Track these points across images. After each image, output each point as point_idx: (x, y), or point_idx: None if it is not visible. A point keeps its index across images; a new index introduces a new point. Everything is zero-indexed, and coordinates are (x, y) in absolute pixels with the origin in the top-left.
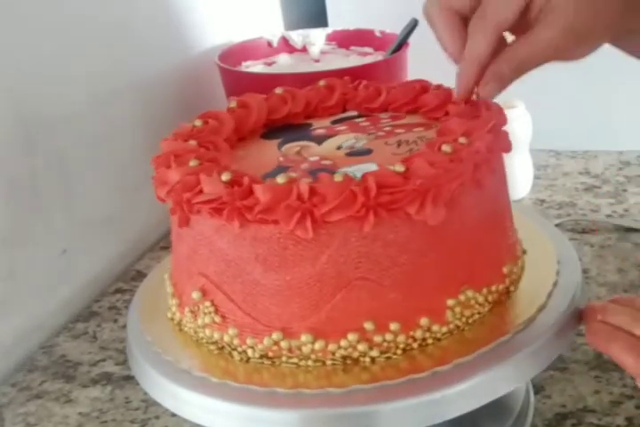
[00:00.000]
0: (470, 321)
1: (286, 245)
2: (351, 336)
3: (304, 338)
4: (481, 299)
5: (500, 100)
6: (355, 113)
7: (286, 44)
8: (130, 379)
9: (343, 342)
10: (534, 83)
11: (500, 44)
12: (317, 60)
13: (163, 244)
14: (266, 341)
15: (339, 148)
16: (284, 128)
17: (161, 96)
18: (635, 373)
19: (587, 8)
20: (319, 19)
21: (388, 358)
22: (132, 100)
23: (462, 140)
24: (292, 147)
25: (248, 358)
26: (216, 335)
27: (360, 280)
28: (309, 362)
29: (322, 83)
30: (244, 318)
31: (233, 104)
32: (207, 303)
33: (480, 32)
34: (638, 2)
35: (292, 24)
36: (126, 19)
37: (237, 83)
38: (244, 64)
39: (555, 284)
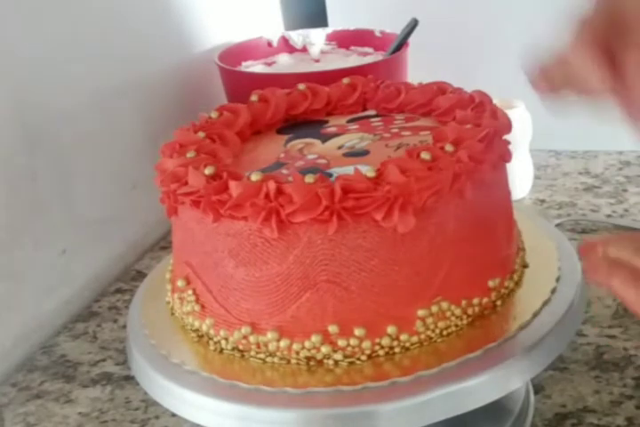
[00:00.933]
0: (445, 333)
1: (256, 243)
2: (315, 338)
3: (270, 335)
4: (458, 311)
5: (499, 100)
6: (373, 112)
7: (286, 44)
8: (130, 379)
9: (307, 343)
10: None
11: None
12: (317, 60)
13: (163, 244)
14: (236, 334)
15: (339, 147)
16: (300, 124)
17: (161, 96)
18: (636, 306)
19: None
20: (319, 19)
21: (352, 362)
22: (133, 100)
23: (449, 147)
24: (297, 144)
25: (221, 349)
26: (196, 324)
27: (326, 283)
28: (275, 359)
29: (345, 81)
30: (218, 310)
31: (254, 98)
32: (189, 292)
33: None
34: None
35: (292, 24)
36: (126, 19)
37: (237, 83)
38: (243, 64)
39: (550, 297)
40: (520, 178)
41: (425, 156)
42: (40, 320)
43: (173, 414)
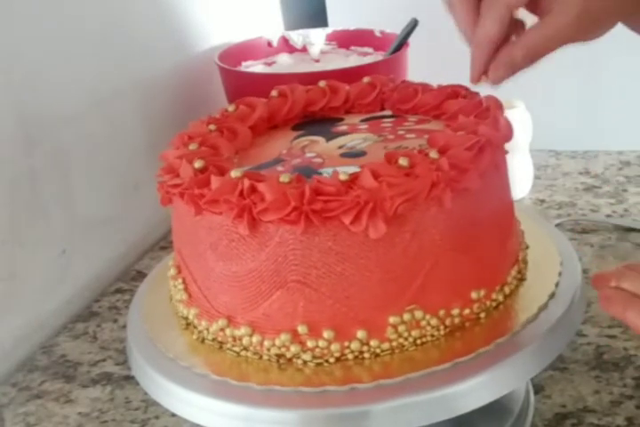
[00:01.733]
0: (419, 342)
1: (232, 238)
2: (284, 336)
3: (243, 330)
4: (434, 321)
5: (500, 99)
6: (389, 113)
7: (286, 44)
8: (130, 379)
9: (277, 341)
10: (534, 83)
11: (516, 29)
12: (317, 60)
13: (163, 244)
14: (214, 325)
15: (340, 147)
16: (317, 121)
17: (161, 96)
18: None
19: None
20: (319, 19)
21: (319, 364)
22: (133, 100)
23: (433, 154)
24: (302, 141)
25: (203, 339)
26: (185, 312)
27: (296, 283)
28: (249, 354)
29: (366, 80)
30: (202, 300)
31: (274, 93)
32: (180, 280)
33: (490, 12)
34: None
35: (292, 24)
36: (126, 19)
37: (237, 83)
38: (243, 64)
39: (536, 313)
40: (520, 178)
41: (403, 162)
42: (40, 320)
43: (173, 414)
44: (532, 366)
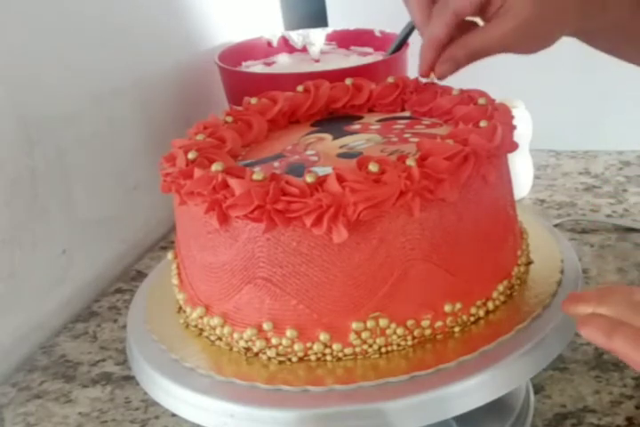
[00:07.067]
0: (384, 350)
1: (209, 230)
2: (250, 331)
3: (217, 320)
4: (400, 331)
5: (499, 99)
6: (408, 114)
7: (286, 43)
8: (130, 379)
9: (245, 335)
10: (534, 83)
11: (463, 31)
12: (317, 60)
13: (163, 244)
14: (195, 313)
15: (342, 146)
16: (337, 118)
17: (161, 96)
18: None
19: (541, 8)
20: (319, 19)
21: (282, 362)
22: (133, 100)
23: (410, 161)
24: (310, 138)
25: (187, 325)
26: (177, 296)
27: (262, 280)
28: (222, 344)
29: (390, 79)
30: (187, 286)
31: (300, 88)
32: (174, 266)
33: (440, 16)
34: (593, 3)
35: (292, 24)
36: (126, 18)
37: (237, 83)
38: (243, 64)
39: (511, 335)
40: (520, 178)
41: (372, 167)
42: (40, 320)
43: (173, 414)
44: (532, 365)
